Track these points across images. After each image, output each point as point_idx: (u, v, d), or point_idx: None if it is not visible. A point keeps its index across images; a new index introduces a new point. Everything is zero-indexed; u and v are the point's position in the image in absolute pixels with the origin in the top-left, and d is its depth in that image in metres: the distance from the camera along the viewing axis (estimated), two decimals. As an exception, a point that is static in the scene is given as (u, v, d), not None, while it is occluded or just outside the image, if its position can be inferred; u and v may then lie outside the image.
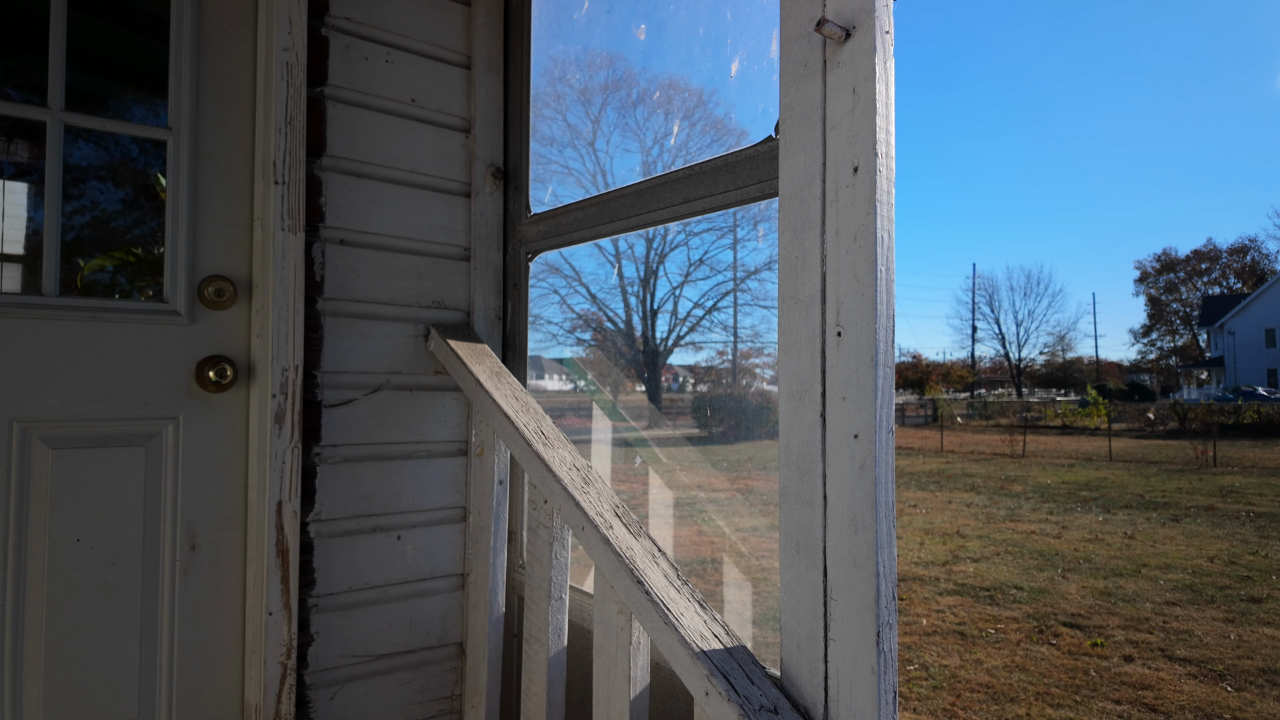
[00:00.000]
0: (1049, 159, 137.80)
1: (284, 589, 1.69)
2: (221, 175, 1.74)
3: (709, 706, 1.06)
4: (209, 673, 1.70)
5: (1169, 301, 68.31)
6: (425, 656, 1.94)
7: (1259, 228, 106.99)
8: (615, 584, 1.26)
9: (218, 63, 1.75)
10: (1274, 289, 50.90)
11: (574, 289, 8.52)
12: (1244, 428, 23.83)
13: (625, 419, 5.13)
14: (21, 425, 1.53)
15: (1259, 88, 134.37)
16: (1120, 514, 9.43)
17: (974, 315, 68.81)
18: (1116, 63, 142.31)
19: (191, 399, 1.70)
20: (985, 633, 4.93)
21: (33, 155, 1.67)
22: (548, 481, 1.47)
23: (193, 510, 1.69)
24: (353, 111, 1.87)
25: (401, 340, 1.93)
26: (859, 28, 1.03)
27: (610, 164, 4.97)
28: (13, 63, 1.68)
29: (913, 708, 3.79)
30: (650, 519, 3.32)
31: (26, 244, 1.69)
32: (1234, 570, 6.53)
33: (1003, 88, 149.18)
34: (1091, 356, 69.27)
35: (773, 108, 1.23)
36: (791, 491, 1.10)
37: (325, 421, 1.81)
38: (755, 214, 7.37)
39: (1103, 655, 4.51)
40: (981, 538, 7.96)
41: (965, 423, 31.78)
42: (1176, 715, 3.70)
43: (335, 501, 1.81)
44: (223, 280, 1.71)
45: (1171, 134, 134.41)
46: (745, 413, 11.52)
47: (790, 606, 1.10)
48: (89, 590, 1.58)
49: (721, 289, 11.69)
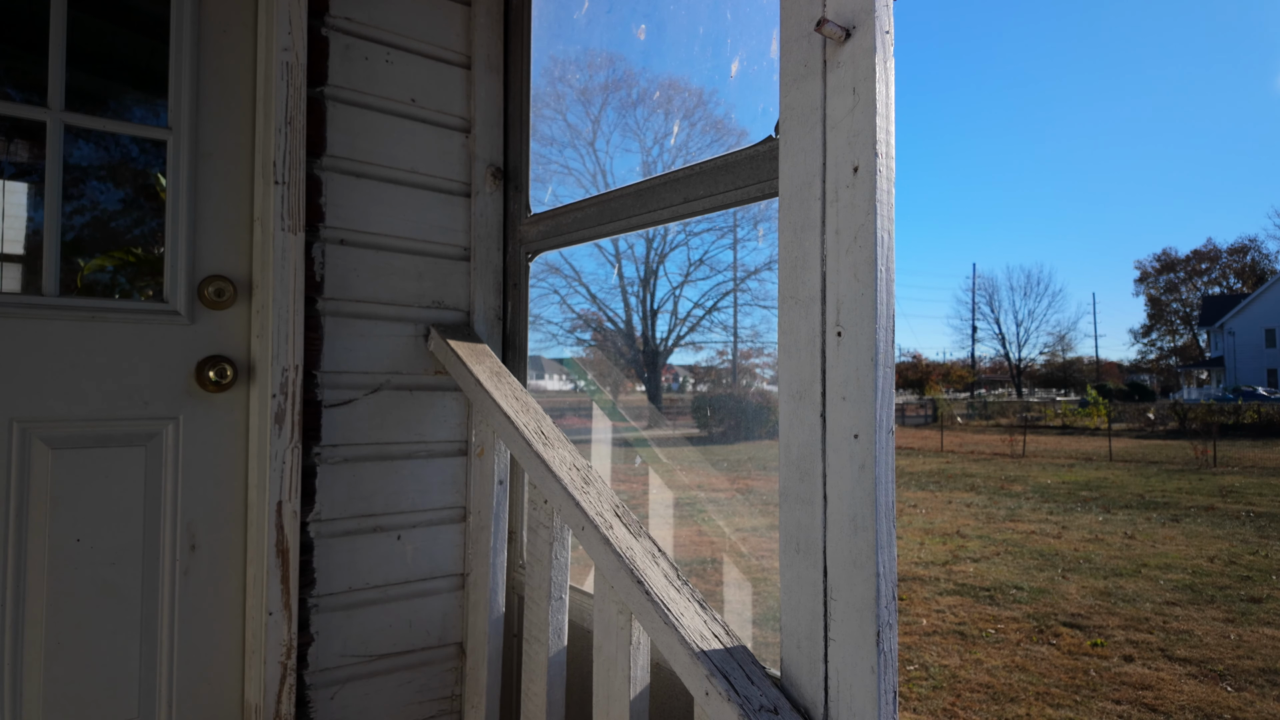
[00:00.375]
0: (1049, 159, 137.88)
1: (284, 589, 1.69)
2: (221, 175, 1.74)
3: (709, 706, 1.06)
4: (209, 672, 1.70)
5: (1169, 301, 68.34)
6: (425, 656, 1.94)
7: (1259, 228, 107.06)
8: (615, 584, 1.26)
9: (218, 63, 1.75)
10: (1274, 289, 50.90)
11: (574, 289, 8.51)
12: (1244, 428, 23.83)
13: (625, 419, 5.13)
14: (21, 425, 1.53)
15: (1259, 88, 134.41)
16: (1120, 514, 9.43)
17: (974, 315, 68.83)
18: (1116, 63, 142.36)
19: (191, 399, 1.70)
20: (985, 633, 4.93)
21: (33, 155, 1.67)
22: (548, 481, 1.47)
23: (193, 510, 1.69)
24: (353, 111, 1.87)
25: (401, 340, 1.93)
26: (859, 28, 1.03)
27: (610, 164, 4.97)
28: (13, 63, 1.68)
29: (913, 708, 3.79)
30: (650, 519, 3.32)
31: (26, 244, 1.69)
32: (1234, 570, 6.53)
33: (1003, 88, 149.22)
34: (1091, 356, 69.29)
35: (773, 108, 1.23)
36: (791, 491, 1.10)
37: (325, 421, 1.81)
38: (755, 214, 7.37)
39: (1103, 655, 4.51)
40: (981, 538, 7.96)
41: (965, 423, 31.78)
42: (1176, 715, 3.70)
43: (335, 501, 1.81)
44: (223, 280, 1.71)
45: (1171, 134, 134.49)
46: (745, 413, 11.52)
47: (790, 606, 1.10)
48: (89, 590, 1.58)
49: (721, 289, 11.68)
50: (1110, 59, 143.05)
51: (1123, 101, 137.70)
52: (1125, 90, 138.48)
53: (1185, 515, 9.27)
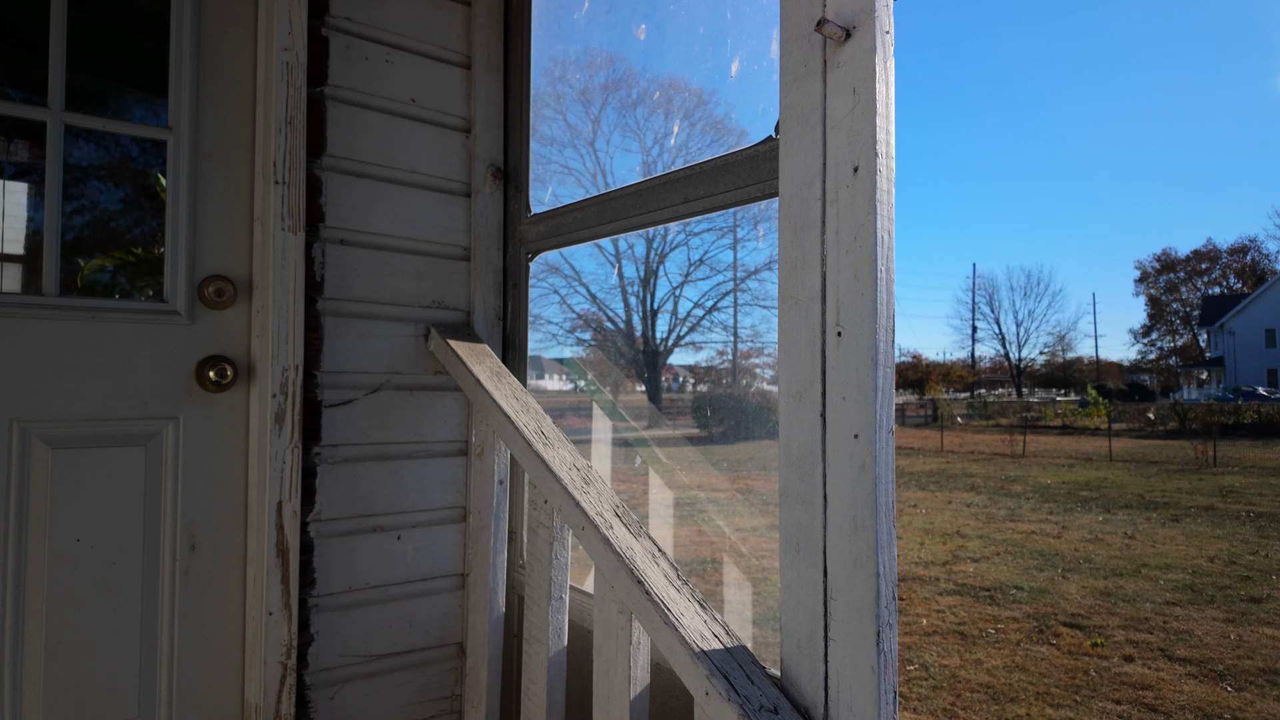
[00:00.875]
0: (1049, 159, 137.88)
1: (284, 589, 1.69)
2: (221, 175, 1.74)
3: (709, 706, 1.06)
4: (209, 672, 1.70)
5: (1169, 301, 68.33)
6: (425, 656, 1.94)
7: (1259, 228, 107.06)
8: (615, 584, 1.26)
9: (218, 63, 1.75)
10: (1274, 289, 50.90)
11: (574, 289, 8.50)
12: (1244, 428, 23.83)
13: (625, 419, 5.13)
14: (21, 425, 1.53)
15: (1259, 88, 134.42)
16: (1120, 514, 9.43)
17: (974, 315, 68.83)
18: (1117, 63, 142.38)
19: (191, 399, 1.70)
20: (985, 633, 4.93)
21: (33, 155, 1.67)
22: (548, 481, 1.47)
23: (193, 510, 1.69)
24: (353, 111, 1.87)
25: (402, 340, 1.93)
26: (859, 28, 1.03)
27: (610, 164, 4.97)
28: (13, 63, 1.68)
29: (913, 708, 3.79)
30: (650, 519, 3.32)
31: (26, 244, 1.69)
32: (1234, 570, 6.53)
33: (1003, 88, 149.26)
34: (1091, 356, 69.29)
35: (773, 108, 1.23)
36: (791, 491, 1.10)
37: (325, 421, 1.81)
38: (755, 214, 7.37)
39: (1103, 655, 4.51)
40: (981, 538, 7.96)
41: (965, 423, 31.78)
42: (1176, 715, 3.70)
43: (335, 501, 1.81)
44: (223, 280, 1.71)
45: (1171, 134, 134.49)
46: (745, 413, 11.51)
47: (790, 606, 1.10)
48: (89, 590, 1.58)
49: (721, 289, 11.68)
50: (1110, 59, 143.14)
51: (1123, 101, 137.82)
52: (1125, 90, 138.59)
53: (1185, 515, 9.27)
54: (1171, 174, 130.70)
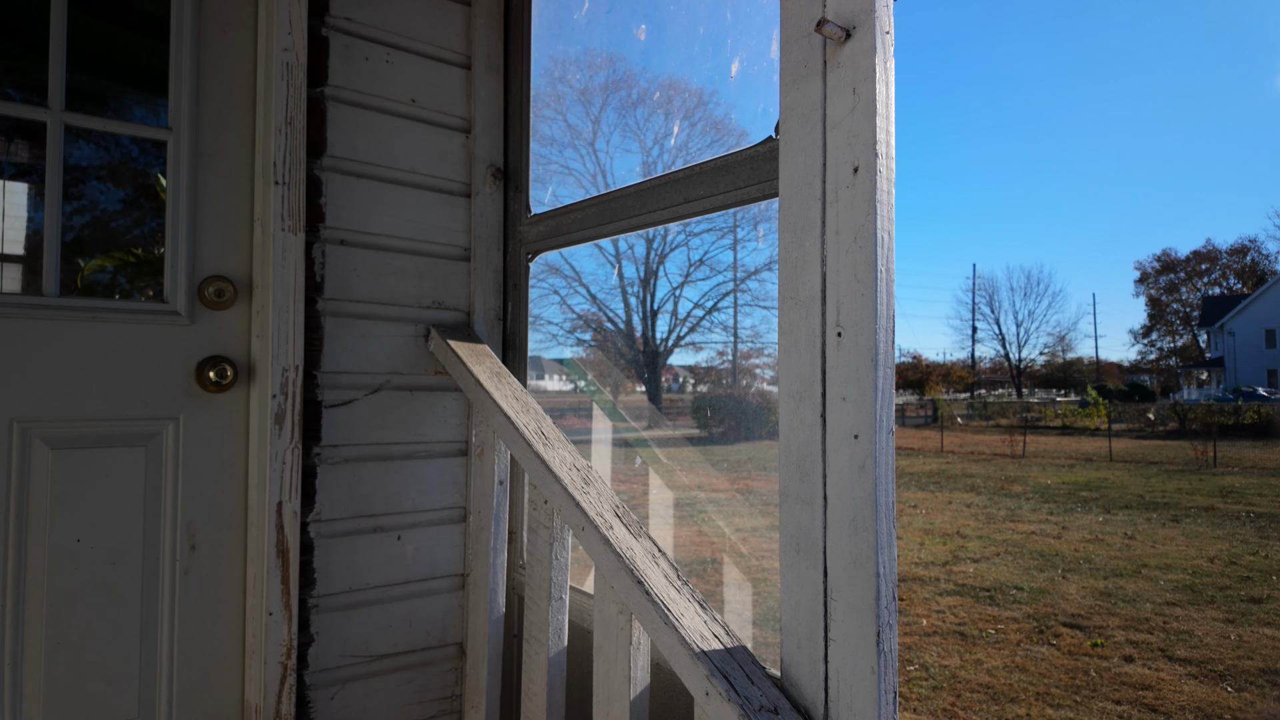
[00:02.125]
0: (1049, 159, 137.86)
1: (284, 589, 1.69)
2: (221, 175, 1.74)
3: (709, 707, 1.06)
4: (209, 672, 1.70)
5: (1169, 302, 68.33)
6: (425, 657, 1.94)
7: (1259, 228, 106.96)
8: (615, 584, 1.26)
9: (218, 63, 1.75)
10: (1274, 289, 50.90)
11: (574, 289, 8.50)
12: (1244, 428, 23.82)
13: (625, 419, 5.13)
14: (22, 425, 1.53)
15: (1259, 88, 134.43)
16: (1120, 514, 9.43)
17: (974, 316, 68.82)
18: (1116, 63, 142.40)
19: (191, 399, 1.70)
20: (985, 633, 4.93)
21: (33, 155, 1.67)
22: (548, 482, 1.47)
23: (193, 510, 1.69)
24: (353, 112, 1.87)
25: (402, 340, 1.93)
26: (859, 28, 1.03)
27: (610, 164, 4.97)
28: (13, 63, 1.68)
29: (913, 708, 3.79)
30: (650, 519, 3.32)
31: (26, 244, 1.69)
32: (1234, 571, 6.53)
33: (1003, 88, 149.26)
34: (1091, 357, 69.26)
35: (773, 108, 1.23)
36: (791, 492, 1.10)
37: (325, 422, 1.81)
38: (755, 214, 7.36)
39: (1103, 655, 4.51)
40: (981, 538, 7.96)
41: (965, 423, 31.77)
42: (1177, 715, 3.70)
43: (335, 502, 1.81)
44: (223, 280, 1.71)
45: (1171, 134, 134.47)
46: (745, 413, 11.51)
47: (790, 606, 1.10)
48: (89, 590, 1.58)
49: (721, 289, 11.69)
50: (1110, 59, 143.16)
51: (1123, 102, 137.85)
52: (1125, 90, 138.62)
53: (1185, 516, 9.27)
54: (1171, 174, 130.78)
